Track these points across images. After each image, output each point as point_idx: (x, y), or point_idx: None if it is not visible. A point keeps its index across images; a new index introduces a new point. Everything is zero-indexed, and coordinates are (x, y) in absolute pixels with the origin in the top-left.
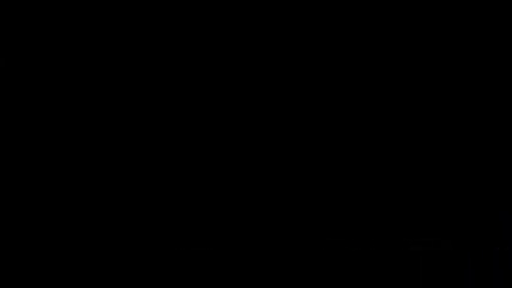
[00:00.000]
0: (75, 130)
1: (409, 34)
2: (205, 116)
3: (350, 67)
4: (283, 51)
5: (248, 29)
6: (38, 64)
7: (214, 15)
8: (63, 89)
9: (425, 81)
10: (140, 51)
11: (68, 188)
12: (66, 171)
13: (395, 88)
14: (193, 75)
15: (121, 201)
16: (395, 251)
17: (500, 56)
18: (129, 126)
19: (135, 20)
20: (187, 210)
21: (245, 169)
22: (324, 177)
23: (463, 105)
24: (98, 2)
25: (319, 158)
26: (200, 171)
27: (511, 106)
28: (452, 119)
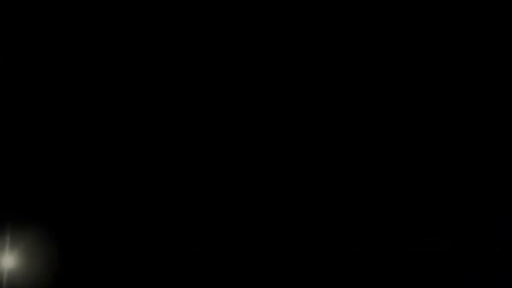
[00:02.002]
0: (75, 130)
1: (409, 35)
2: (205, 118)
3: (351, 69)
4: (283, 52)
5: (248, 29)
6: (37, 64)
7: (215, 16)
8: (63, 89)
9: (425, 82)
10: (140, 51)
11: (68, 188)
12: (66, 171)
13: (395, 90)
14: (194, 76)
15: (121, 202)
16: (395, 251)
17: (500, 56)
18: (130, 127)
19: (135, 20)
20: (187, 210)
21: (245, 170)
22: (324, 178)
23: (463, 106)
24: (98, 2)
25: (319, 159)
26: (201, 172)
27: (511, 106)
28: (452, 120)
